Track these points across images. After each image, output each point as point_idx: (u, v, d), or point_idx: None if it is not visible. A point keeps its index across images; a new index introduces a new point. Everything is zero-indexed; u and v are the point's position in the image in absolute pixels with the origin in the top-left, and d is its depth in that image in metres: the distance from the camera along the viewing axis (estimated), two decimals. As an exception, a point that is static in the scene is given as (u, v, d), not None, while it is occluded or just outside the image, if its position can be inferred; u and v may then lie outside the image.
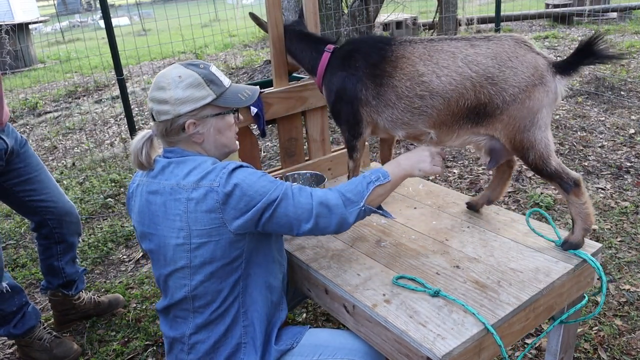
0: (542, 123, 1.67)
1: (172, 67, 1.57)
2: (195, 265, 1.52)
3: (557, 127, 4.75)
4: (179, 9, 5.55)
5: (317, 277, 1.78)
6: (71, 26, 13.65)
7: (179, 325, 1.62)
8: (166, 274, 1.58)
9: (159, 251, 1.58)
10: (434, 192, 2.27)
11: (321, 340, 1.67)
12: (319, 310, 2.68)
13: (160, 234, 1.55)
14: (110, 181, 4.49)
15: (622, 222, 3.20)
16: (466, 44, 1.71)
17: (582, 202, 1.71)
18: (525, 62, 1.65)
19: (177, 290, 1.57)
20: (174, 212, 1.50)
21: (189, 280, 1.54)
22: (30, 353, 2.46)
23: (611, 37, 7.75)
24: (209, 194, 1.46)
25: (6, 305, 2.33)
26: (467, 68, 1.67)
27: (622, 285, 2.66)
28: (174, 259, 1.54)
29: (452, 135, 1.80)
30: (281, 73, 2.21)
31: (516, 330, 1.54)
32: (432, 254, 1.80)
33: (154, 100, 1.54)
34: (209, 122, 1.56)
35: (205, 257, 1.50)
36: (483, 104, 1.68)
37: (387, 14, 8.34)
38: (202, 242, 1.49)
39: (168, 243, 1.53)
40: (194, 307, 1.57)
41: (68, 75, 8.78)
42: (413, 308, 1.52)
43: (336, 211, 1.54)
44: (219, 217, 1.47)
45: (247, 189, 1.46)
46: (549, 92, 1.65)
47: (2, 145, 2.22)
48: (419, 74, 1.74)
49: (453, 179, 3.99)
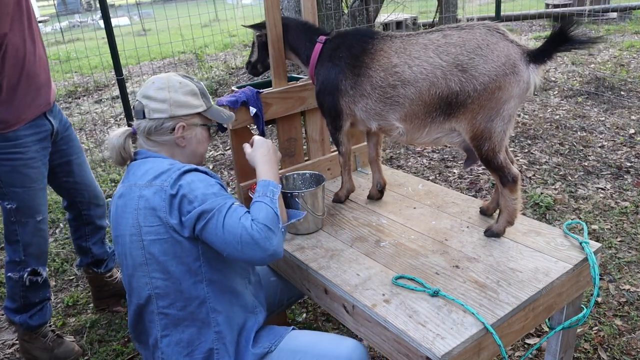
0: (507, 114, 1.69)
1: (171, 74, 1.67)
2: (152, 262, 1.54)
3: (557, 127, 4.75)
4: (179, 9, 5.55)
5: (316, 277, 1.78)
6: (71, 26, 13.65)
7: (151, 330, 1.63)
8: (129, 274, 1.61)
9: (124, 252, 1.60)
10: (433, 192, 2.27)
11: (302, 345, 1.63)
12: (319, 310, 2.68)
13: (122, 233, 1.59)
14: (110, 181, 4.49)
15: (622, 222, 3.20)
16: (439, 34, 1.76)
17: (514, 198, 1.78)
18: (496, 50, 1.65)
19: (141, 289, 1.59)
20: (128, 209, 1.56)
21: (149, 278, 1.56)
22: (32, 351, 2.46)
23: (611, 37, 7.75)
24: (157, 193, 1.51)
25: (32, 295, 2.39)
26: (437, 58, 1.71)
27: (622, 285, 2.66)
28: (132, 255, 1.57)
29: (423, 130, 1.82)
30: (280, 73, 2.21)
31: (515, 330, 1.54)
32: (431, 253, 1.80)
33: (149, 97, 1.60)
34: (195, 130, 1.67)
35: (158, 254, 1.53)
36: (454, 92, 1.69)
37: (387, 14, 8.34)
38: (153, 240, 1.52)
39: (126, 241, 1.57)
40: (158, 308, 1.58)
41: (68, 75, 8.78)
42: (412, 308, 1.52)
43: (262, 245, 1.46)
44: (164, 217, 1.50)
45: (188, 193, 1.49)
46: (520, 82, 1.65)
47: (48, 127, 2.28)
48: (392, 65, 1.79)
49: (453, 179, 3.99)
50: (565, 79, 6.01)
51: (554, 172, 3.91)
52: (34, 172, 2.23)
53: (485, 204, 2.05)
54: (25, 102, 2.15)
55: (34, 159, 2.22)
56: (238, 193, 2.29)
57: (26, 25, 2.12)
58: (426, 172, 4.16)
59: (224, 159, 4.84)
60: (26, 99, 2.14)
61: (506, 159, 1.74)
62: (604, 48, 7.15)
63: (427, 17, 9.76)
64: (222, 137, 5.37)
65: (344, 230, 2.01)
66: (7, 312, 2.42)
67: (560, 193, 3.60)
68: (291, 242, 1.97)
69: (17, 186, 2.19)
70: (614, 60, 6.51)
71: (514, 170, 1.75)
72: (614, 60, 6.51)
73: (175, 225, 1.49)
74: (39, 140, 2.24)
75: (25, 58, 2.11)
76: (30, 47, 2.14)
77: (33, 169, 2.22)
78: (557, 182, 3.77)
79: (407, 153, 4.58)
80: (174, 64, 8.94)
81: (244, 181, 2.26)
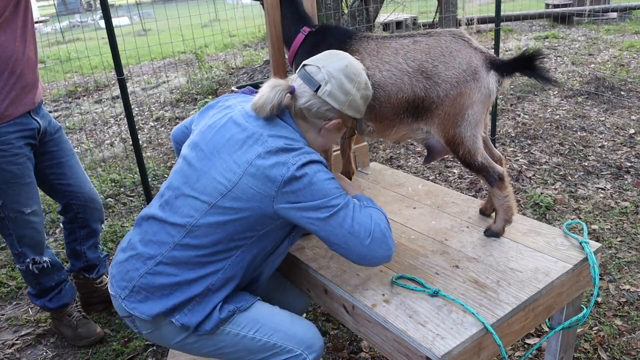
0: (473, 119, 1.71)
1: (362, 68, 1.61)
2: (217, 207, 1.48)
3: (557, 127, 4.75)
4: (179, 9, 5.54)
5: (316, 277, 1.78)
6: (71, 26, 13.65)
7: (153, 246, 1.56)
8: (184, 194, 1.54)
9: (195, 169, 1.54)
10: (433, 192, 2.27)
11: (262, 315, 1.64)
12: (319, 310, 2.68)
13: (211, 160, 1.52)
14: (111, 181, 4.49)
15: (622, 222, 3.20)
16: (410, 40, 1.80)
17: (505, 195, 1.79)
18: (458, 57, 1.69)
19: (181, 215, 1.53)
20: (238, 155, 1.48)
21: (199, 215, 1.50)
22: (59, 327, 2.65)
23: (611, 37, 7.75)
24: (278, 165, 1.44)
25: (46, 280, 2.49)
26: (405, 64, 1.75)
27: (622, 285, 2.66)
28: (204, 190, 1.50)
29: (392, 129, 1.88)
30: (280, 73, 2.21)
31: (515, 330, 1.54)
32: (431, 253, 1.80)
33: (337, 80, 1.52)
34: (342, 131, 1.68)
35: (230, 207, 1.47)
36: (420, 97, 1.74)
37: (387, 14, 8.33)
38: (239, 197, 1.46)
39: (210, 173, 1.51)
40: (182, 241, 1.52)
41: (68, 75, 8.78)
42: (412, 308, 1.52)
43: (389, 243, 1.52)
44: (273, 190, 1.44)
45: (313, 183, 1.45)
46: (481, 88, 1.68)
47: (35, 125, 2.30)
48: (365, 67, 1.80)
49: (453, 179, 3.99)
50: (565, 79, 6.01)
51: (554, 172, 3.91)
52: (18, 168, 2.24)
53: (484, 204, 2.06)
54: (8, 99, 2.16)
55: (18, 155, 2.23)
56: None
57: (20, 25, 2.16)
58: (426, 172, 4.16)
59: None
60: (9, 96, 2.16)
61: (487, 159, 1.76)
62: (604, 48, 7.15)
63: (427, 17, 9.76)
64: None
65: (344, 230, 2.01)
66: (30, 297, 2.58)
67: (560, 193, 3.60)
68: (291, 242, 1.97)
69: (1, 183, 2.21)
70: (614, 60, 6.51)
71: (498, 168, 1.77)
72: (614, 60, 6.51)
73: (279, 201, 1.45)
74: (23, 137, 2.25)
75: (12, 57, 2.14)
76: (19, 47, 2.16)
77: (17, 165, 2.23)
78: (557, 182, 3.77)
79: (407, 153, 4.58)
80: (174, 64, 8.94)
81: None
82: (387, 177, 2.46)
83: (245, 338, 1.60)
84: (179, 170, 1.61)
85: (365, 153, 2.59)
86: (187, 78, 7.62)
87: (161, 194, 1.64)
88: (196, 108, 5.95)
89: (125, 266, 1.60)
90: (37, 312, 2.88)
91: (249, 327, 1.61)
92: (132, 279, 1.57)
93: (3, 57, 2.11)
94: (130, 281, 1.57)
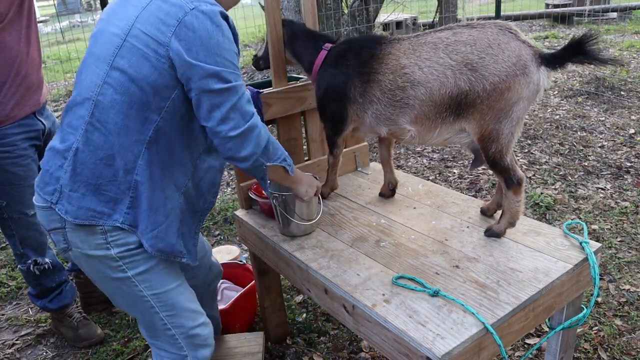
0: (516, 116, 1.67)
1: None
2: (115, 66, 1.43)
3: (557, 127, 4.75)
4: (179, 9, 5.54)
5: (316, 277, 1.78)
6: (71, 26, 13.64)
7: (68, 137, 1.49)
8: (88, 62, 1.50)
9: (96, 36, 1.50)
10: (433, 192, 2.27)
11: (183, 300, 1.65)
12: (319, 310, 2.68)
13: (109, 20, 1.50)
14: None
15: (622, 222, 3.20)
16: (449, 33, 1.72)
17: (517, 200, 1.77)
18: (507, 50, 1.62)
19: (86, 87, 1.47)
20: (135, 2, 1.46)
21: (101, 79, 1.44)
22: (59, 327, 2.65)
23: (611, 37, 7.75)
24: (176, 6, 1.40)
25: (47, 281, 2.50)
26: (447, 57, 1.68)
27: (622, 285, 2.66)
28: (102, 47, 1.46)
29: (434, 131, 1.80)
30: (280, 73, 2.21)
31: (515, 330, 1.54)
32: (431, 253, 1.80)
33: None
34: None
35: (129, 67, 1.42)
36: (464, 92, 1.67)
37: (387, 14, 8.34)
38: (135, 48, 1.41)
39: (107, 29, 1.48)
40: (91, 116, 1.45)
41: (68, 75, 8.77)
42: (412, 308, 1.52)
43: (259, 142, 1.51)
44: (168, 36, 1.39)
45: (214, 38, 1.40)
46: (530, 84, 1.62)
47: (40, 126, 2.30)
48: (402, 66, 1.76)
49: (453, 179, 3.99)
50: (565, 79, 6.02)
51: (554, 172, 3.91)
52: (23, 170, 2.25)
53: (486, 205, 2.05)
54: (14, 100, 2.16)
55: (23, 157, 2.24)
56: (238, 193, 2.29)
57: (24, 25, 2.16)
58: (426, 172, 4.16)
59: (224, 159, 4.84)
60: (15, 97, 2.16)
61: (513, 161, 1.73)
62: (604, 48, 7.14)
63: (427, 17, 9.76)
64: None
65: (344, 230, 2.01)
66: (31, 298, 2.59)
67: (560, 193, 3.60)
68: (291, 242, 1.97)
69: (5, 184, 2.22)
70: (614, 60, 6.51)
71: (519, 172, 1.74)
72: (614, 60, 6.51)
73: (177, 53, 1.38)
74: (28, 139, 2.25)
75: (17, 58, 2.14)
76: (24, 48, 2.16)
77: (21, 167, 2.24)
78: (557, 182, 3.77)
79: (407, 153, 4.58)
80: (174, 64, 8.93)
81: (244, 181, 2.26)
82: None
83: (156, 315, 1.61)
84: (87, 52, 1.55)
85: (365, 153, 2.59)
86: (187, 78, 7.59)
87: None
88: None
89: (50, 173, 1.56)
90: (37, 312, 2.88)
91: (166, 308, 1.62)
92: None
93: (8, 58, 2.11)
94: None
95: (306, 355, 2.40)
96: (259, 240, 2.14)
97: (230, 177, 4.46)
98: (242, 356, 2.20)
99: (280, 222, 2.00)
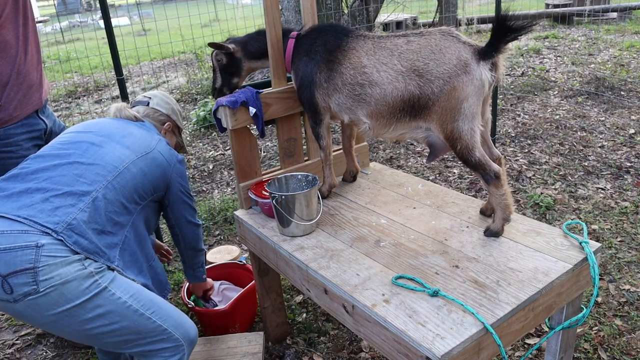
0: (470, 112, 1.74)
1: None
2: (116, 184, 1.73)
3: (557, 127, 4.75)
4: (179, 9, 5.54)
5: (316, 277, 1.78)
6: (71, 26, 13.64)
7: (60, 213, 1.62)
8: (75, 161, 1.73)
9: (94, 143, 1.79)
10: (433, 192, 2.27)
11: (157, 298, 1.73)
12: (319, 310, 2.68)
13: (111, 140, 1.82)
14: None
15: (622, 222, 3.20)
16: (404, 40, 1.85)
17: (502, 193, 1.81)
18: (448, 53, 1.74)
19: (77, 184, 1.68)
20: (138, 137, 1.87)
21: (102, 192, 1.69)
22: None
23: (611, 37, 7.75)
24: (169, 154, 1.92)
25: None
26: (399, 65, 1.81)
27: (622, 285, 2.66)
28: (104, 162, 1.74)
29: (388, 127, 1.92)
30: (279, 73, 2.21)
31: (515, 330, 1.54)
32: (431, 253, 1.80)
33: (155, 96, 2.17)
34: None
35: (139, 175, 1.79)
36: (415, 96, 1.79)
37: (387, 14, 8.34)
38: (142, 168, 1.80)
39: (110, 152, 1.77)
40: (106, 199, 1.70)
41: (68, 75, 8.78)
42: (412, 308, 1.52)
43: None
44: (167, 172, 1.90)
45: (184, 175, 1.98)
46: (473, 80, 1.71)
47: (42, 125, 2.31)
48: (362, 65, 1.89)
49: (453, 179, 3.99)
50: (565, 79, 6.01)
51: (554, 172, 3.91)
52: None
53: (484, 205, 2.06)
54: (16, 100, 2.15)
55: (25, 157, 2.22)
56: (238, 193, 2.29)
57: (21, 23, 2.14)
58: (426, 172, 4.16)
59: (224, 159, 4.84)
60: (17, 97, 2.15)
61: (484, 156, 1.78)
62: (604, 48, 7.15)
63: (427, 17, 9.76)
64: (222, 137, 5.37)
65: (344, 230, 2.01)
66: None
67: (560, 193, 3.60)
68: (291, 242, 1.97)
69: None
70: (614, 60, 6.52)
71: (494, 166, 1.78)
72: (614, 60, 6.52)
73: (170, 181, 1.90)
74: (31, 139, 2.25)
75: (16, 56, 2.13)
76: (22, 46, 2.15)
77: None
78: (557, 182, 3.77)
79: (407, 153, 4.58)
80: (174, 64, 8.94)
81: (244, 181, 2.26)
82: (387, 177, 2.46)
83: (142, 316, 1.64)
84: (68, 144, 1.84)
85: (365, 153, 2.59)
86: (187, 78, 7.62)
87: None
88: (196, 108, 5.95)
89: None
90: (37, 312, 2.88)
91: (147, 306, 1.66)
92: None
93: (7, 56, 2.10)
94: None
95: (306, 355, 2.40)
96: (259, 240, 2.14)
97: (230, 177, 4.46)
98: (242, 356, 2.20)
99: (280, 222, 2.00)
